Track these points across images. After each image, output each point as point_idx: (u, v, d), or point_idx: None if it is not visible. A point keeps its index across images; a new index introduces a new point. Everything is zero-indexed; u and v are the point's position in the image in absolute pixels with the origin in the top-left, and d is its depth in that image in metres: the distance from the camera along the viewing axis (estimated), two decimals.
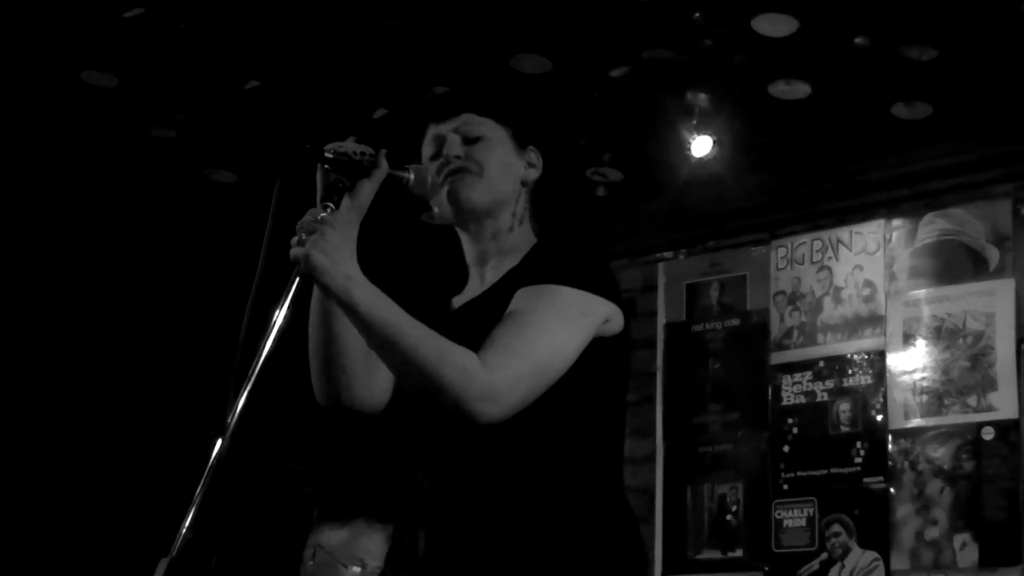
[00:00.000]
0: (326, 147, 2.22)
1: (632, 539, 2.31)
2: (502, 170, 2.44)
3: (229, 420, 1.97)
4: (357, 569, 3.61)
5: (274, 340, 2.04)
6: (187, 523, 1.93)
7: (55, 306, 5.93)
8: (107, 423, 5.92)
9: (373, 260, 2.24)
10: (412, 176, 2.34)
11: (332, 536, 3.76)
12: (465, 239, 2.51)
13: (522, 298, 2.24)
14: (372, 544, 3.62)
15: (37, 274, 5.87)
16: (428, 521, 2.37)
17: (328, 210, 2.18)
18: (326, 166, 2.22)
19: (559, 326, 2.20)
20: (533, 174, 2.50)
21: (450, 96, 2.56)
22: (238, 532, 5.44)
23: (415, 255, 4.07)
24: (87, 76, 4.74)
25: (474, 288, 2.48)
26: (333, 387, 2.31)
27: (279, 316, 2.08)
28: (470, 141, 2.44)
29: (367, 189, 2.25)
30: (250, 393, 1.99)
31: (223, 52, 4.57)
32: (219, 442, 1.96)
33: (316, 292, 2.26)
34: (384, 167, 2.26)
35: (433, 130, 2.48)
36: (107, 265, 5.92)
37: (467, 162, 2.42)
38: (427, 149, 2.48)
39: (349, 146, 2.24)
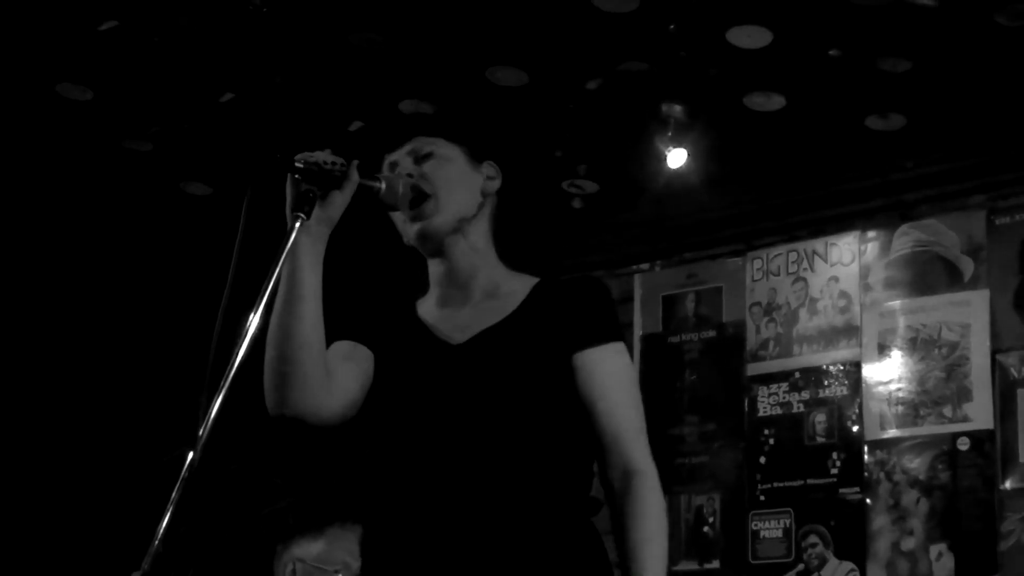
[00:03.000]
0: (296, 157, 2.22)
1: (605, 558, 2.41)
2: (457, 184, 2.48)
3: (201, 431, 1.96)
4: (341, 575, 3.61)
5: (246, 350, 2.03)
6: (159, 537, 1.91)
7: (28, 318, 5.90)
8: (80, 435, 5.89)
9: (344, 268, 2.25)
10: (383, 186, 2.35)
11: (310, 548, 3.75)
12: (434, 261, 2.52)
13: (603, 376, 2.41)
14: (350, 545, 3.61)
15: (9, 286, 5.84)
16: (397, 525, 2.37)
17: (299, 220, 2.18)
18: (296, 176, 2.22)
19: (635, 390, 2.48)
20: (492, 185, 2.54)
21: (399, 125, 2.60)
22: (215, 546, 5.42)
23: (383, 261, 4.06)
24: (62, 89, 4.73)
25: (453, 313, 2.48)
26: (286, 394, 2.28)
27: (254, 320, 2.07)
28: (421, 159, 2.48)
29: (338, 200, 2.26)
30: (223, 404, 1.98)
31: (198, 65, 4.57)
32: (191, 454, 1.95)
33: (280, 295, 2.24)
34: (354, 177, 2.27)
35: (387, 159, 2.51)
36: (82, 278, 5.89)
37: (419, 181, 2.44)
38: (385, 170, 2.50)
39: (319, 156, 2.24)
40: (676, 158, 4.90)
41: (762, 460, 5.13)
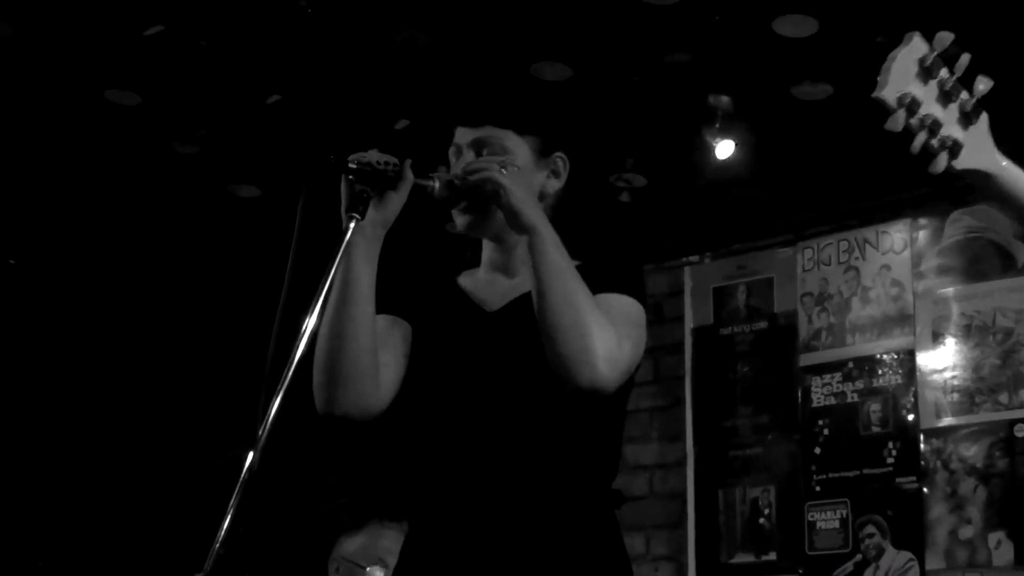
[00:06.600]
0: (349, 158, 2.23)
1: (624, 551, 2.40)
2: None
3: (260, 432, 1.97)
4: (380, 572, 3.60)
5: (304, 351, 2.04)
6: (220, 538, 1.92)
7: (82, 322, 5.95)
8: (138, 439, 5.93)
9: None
10: (436, 184, 2.34)
11: (350, 544, 3.76)
12: (488, 247, 2.53)
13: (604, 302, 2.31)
14: (390, 542, 3.60)
15: (64, 291, 5.89)
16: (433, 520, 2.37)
17: (353, 221, 2.18)
18: (350, 176, 2.22)
19: (634, 331, 2.34)
20: (554, 184, 2.50)
21: (475, 102, 2.56)
22: (273, 546, 5.44)
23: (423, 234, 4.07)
24: (110, 95, 4.76)
25: (494, 285, 2.49)
26: (336, 394, 2.29)
27: (311, 321, 2.07)
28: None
29: (395, 200, 2.26)
30: (281, 405, 1.98)
31: (244, 67, 4.58)
32: (250, 455, 1.95)
33: (334, 295, 2.25)
34: (409, 177, 2.27)
35: (457, 135, 2.50)
36: (135, 282, 5.93)
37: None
38: (451, 155, 2.50)
39: (372, 156, 2.25)
40: (724, 149, 4.89)
41: (817, 451, 5.10)
